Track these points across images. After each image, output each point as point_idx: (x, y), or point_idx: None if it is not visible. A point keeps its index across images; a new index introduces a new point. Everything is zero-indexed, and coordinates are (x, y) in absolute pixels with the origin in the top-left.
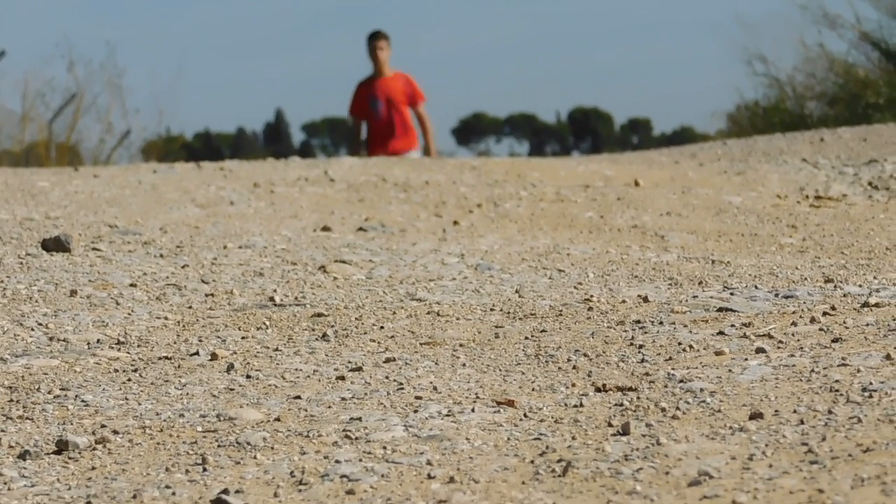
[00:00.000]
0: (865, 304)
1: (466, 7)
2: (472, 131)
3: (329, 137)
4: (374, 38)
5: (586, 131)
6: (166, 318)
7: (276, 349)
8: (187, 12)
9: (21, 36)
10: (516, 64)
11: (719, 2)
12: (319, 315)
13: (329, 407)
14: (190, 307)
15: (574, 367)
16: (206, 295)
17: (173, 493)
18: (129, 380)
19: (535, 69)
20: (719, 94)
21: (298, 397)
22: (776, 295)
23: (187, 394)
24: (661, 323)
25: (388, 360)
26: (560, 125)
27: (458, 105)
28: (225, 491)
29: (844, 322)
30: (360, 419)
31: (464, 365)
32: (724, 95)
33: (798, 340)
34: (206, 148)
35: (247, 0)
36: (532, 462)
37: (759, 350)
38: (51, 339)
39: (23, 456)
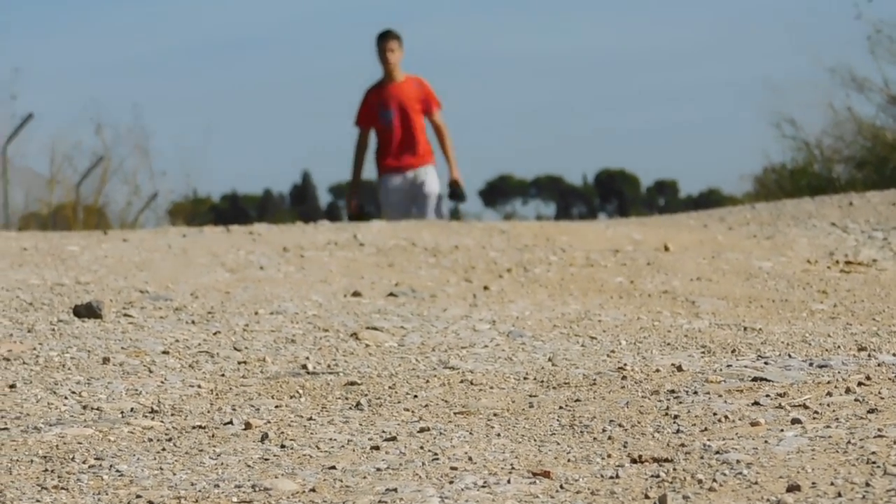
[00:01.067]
0: None
1: (491, 69)
2: (498, 193)
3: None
4: (385, 38)
5: (613, 193)
6: (199, 387)
7: (310, 418)
8: (214, 75)
9: (49, 99)
10: (542, 126)
11: (747, 65)
12: (353, 383)
13: (364, 477)
14: (223, 375)
15: (609, 438)
16: (239, 362)
17: None
18: (164, 449)
19: (562, 131)
20: (746, 157)
21: (333, 467)
22: (810, 364)
23: (222, 464)
24: (695, 393)
25: (422, 430)
26: (586, 187)
27: (485, 167)
28: None
29: (880, 392)
30: (395, 490)
31: (498, 435)
32: (750, 158)
33: (834, 411)
34: (233, 209)
35: (272, 62)
36: None
37: (795, 421)
38: (84, 407)
39: None
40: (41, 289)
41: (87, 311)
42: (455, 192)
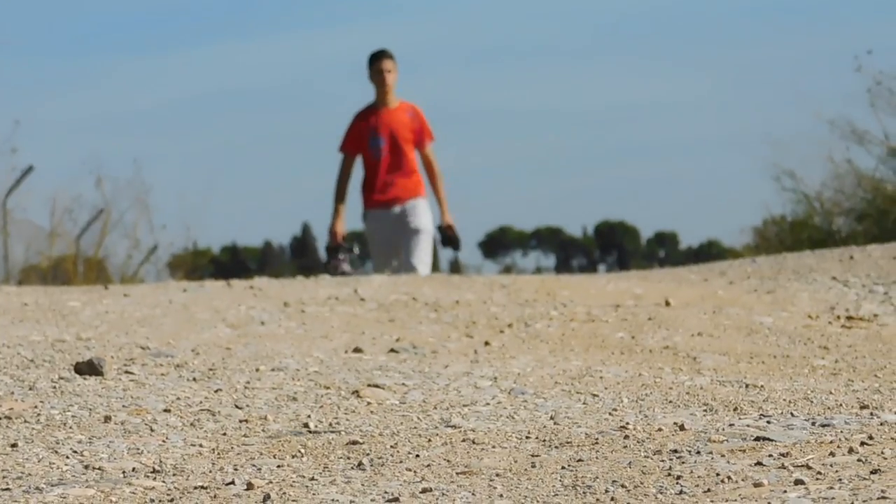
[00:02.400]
0: None
1: (490, 122)
2: (498, 245)
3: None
4: (380, 58)
5: (613, 245)
6: (201, 446)
7: (312, 478)
8: (213, 128)
9: (49, 152)
10: (542, 177)
11: (747, 118)
12: (355, 442)
13: None
14: (224, 434)
15: (612, 499)
16: (241, 421)
17: None
18: None
19: (561, 183)
20: (746, 209)
21: None
22: (813, 423)
23: None
24: (698, 452)
25: (424, 491)
26: (586, 238)
27: (484, 218)
28: None
29: (882, 452)
30: None
31: (501, 496)
32: (750, 210)
33: (837, 472)
34: (233, 261)
35: (271, 115)
36: None
37: (798, 482)
38: (86, 467)
39: None
40: (42, 345)
41: (88, 369)
42: (448, 238)
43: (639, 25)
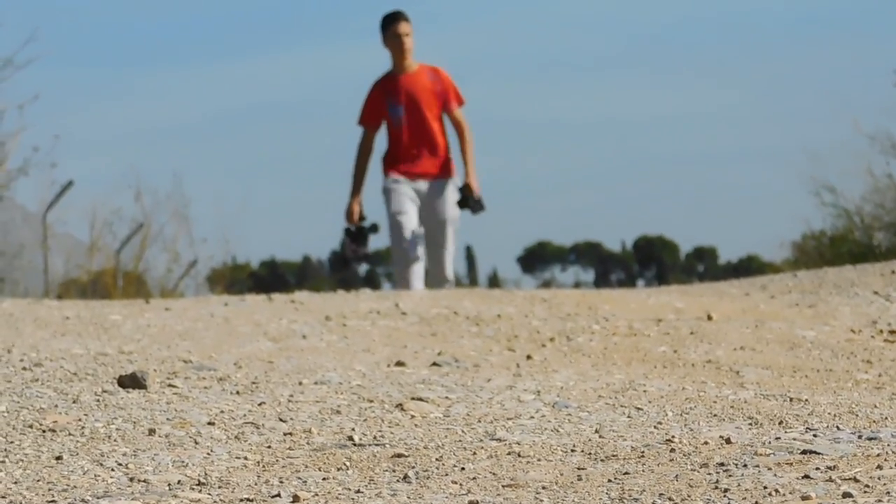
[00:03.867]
0: None
1: (528, 135)
2: (537, 259)
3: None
4: (396, 19)
5: (651, 259)
6: (246, 458)
7: (358, 491)
8: (252, 141)
9: (88, 166)
10: (581, 192)
11: (786, 132)
12: (399, 455)
13: None
14: (269, 447)
15: None
16: (285, 434)
17: None
18: None
19: (600, 197)
20: (785, 224)
21: None
22: (859, 436)
23: None
24: (745, 466)
25: (470, 503)
26: (625, 253)
27: (523, 233)
28: None
29: None
30: None
31: None
32: (789, 224)
33: (885, 485)
34: (272, 276)
35: (310, 128)
36: None
37: (846, 495)
38: (131, 479)
39: None
40: (85, 358)
41: (131, 382)
42: (466, 200)
43: (677, 36)
